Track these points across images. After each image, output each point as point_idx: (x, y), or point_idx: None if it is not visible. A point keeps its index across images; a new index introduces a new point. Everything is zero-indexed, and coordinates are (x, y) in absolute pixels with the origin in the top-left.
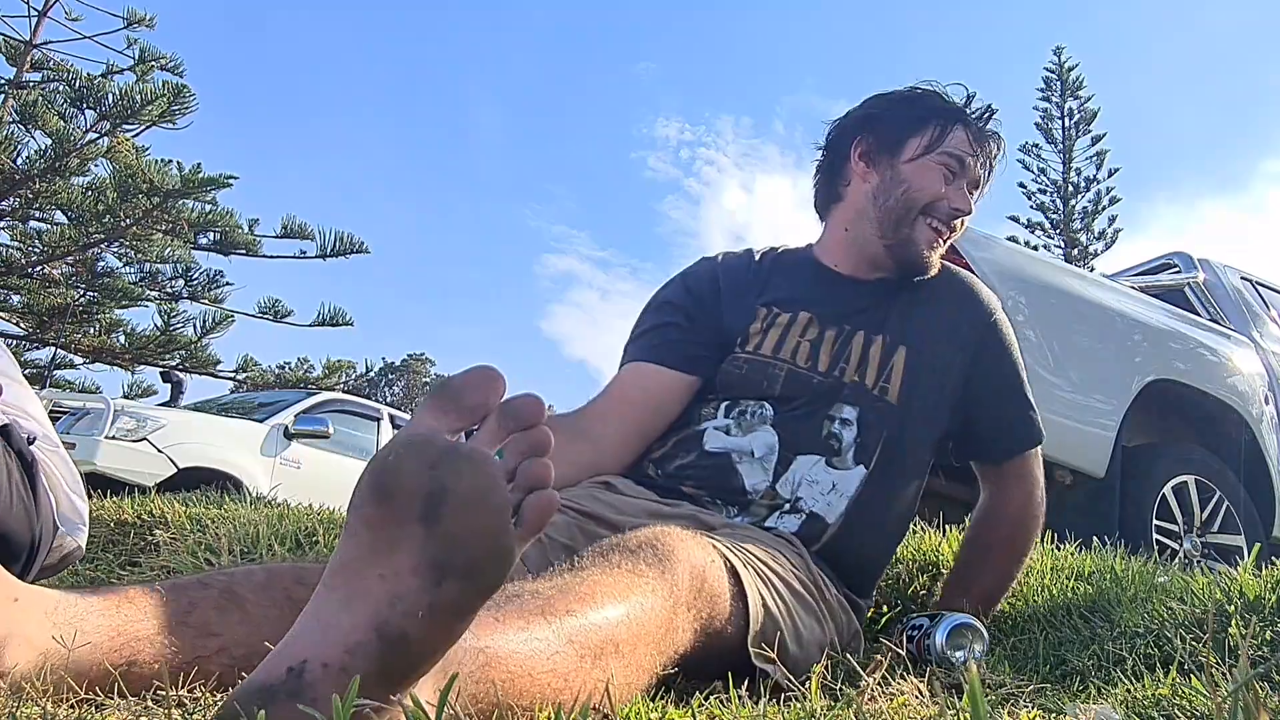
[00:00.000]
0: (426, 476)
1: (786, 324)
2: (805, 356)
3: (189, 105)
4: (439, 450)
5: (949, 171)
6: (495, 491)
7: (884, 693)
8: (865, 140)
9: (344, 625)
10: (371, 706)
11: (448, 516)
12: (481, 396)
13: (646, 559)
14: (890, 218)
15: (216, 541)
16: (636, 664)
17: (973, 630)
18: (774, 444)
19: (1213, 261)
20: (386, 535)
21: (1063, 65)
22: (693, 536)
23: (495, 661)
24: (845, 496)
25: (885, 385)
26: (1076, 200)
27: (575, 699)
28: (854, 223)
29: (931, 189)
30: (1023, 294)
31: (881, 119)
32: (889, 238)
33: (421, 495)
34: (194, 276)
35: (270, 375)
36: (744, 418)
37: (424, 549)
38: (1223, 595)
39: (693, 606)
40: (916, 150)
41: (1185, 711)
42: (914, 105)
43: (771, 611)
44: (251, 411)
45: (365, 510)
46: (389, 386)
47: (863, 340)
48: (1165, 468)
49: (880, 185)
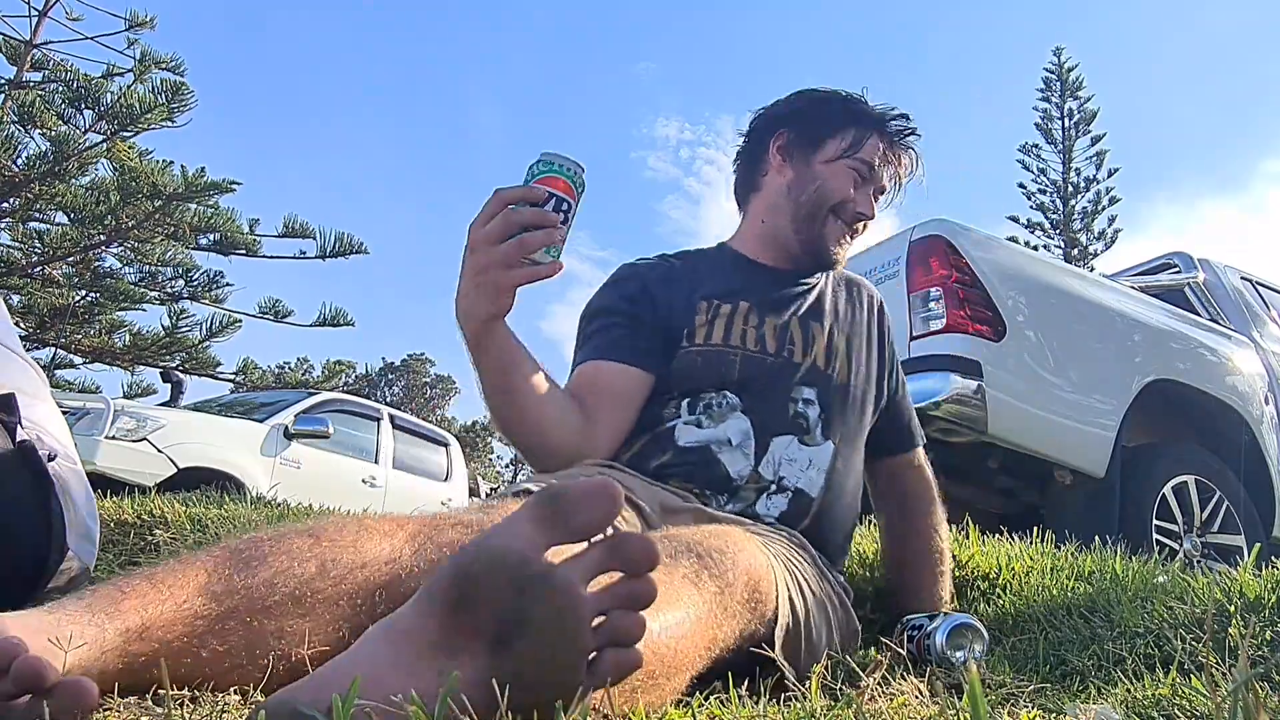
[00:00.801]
0: (508, 600)
1: (730, 314)
2: (754, 341)
3: (188, 103)
4: (528, 575)
5: (859, 176)
6: (578, 635)
7: (884, 693)
8: (785, 135)
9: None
10: (371, 706)
11: (521, 648)
12: (592, 517)
13: (712, 568)
14: (803, 212)
15: (216, 541)
16: (681, 661)
17: (973, 630)
18: (748, 429)
19: (1213, 261)
20: (455, 641)
21: (1062, 65)
22: (751, 540)
23: None
24: (822, 471)
25: (834, 365)
26: (1076, 200)
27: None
28: (769, 214)
29: (842, 190)
30: (1023, 294)
31: (803, 116)
32: (802, 231)
33: (499, 619)
34: (194, 277)
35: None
36: (711, 409)
37: (488, 669)
38: (1223, 595)
39: (740, 616)
40: (833, 152)
41: (1185, 711)
42: (835, 108)
43: (798, 614)
44: (251, 411)
45: (439, 609)
46: (389, 386)
47: (800, 325)
48: (1165, 468)
49: (795, 180)
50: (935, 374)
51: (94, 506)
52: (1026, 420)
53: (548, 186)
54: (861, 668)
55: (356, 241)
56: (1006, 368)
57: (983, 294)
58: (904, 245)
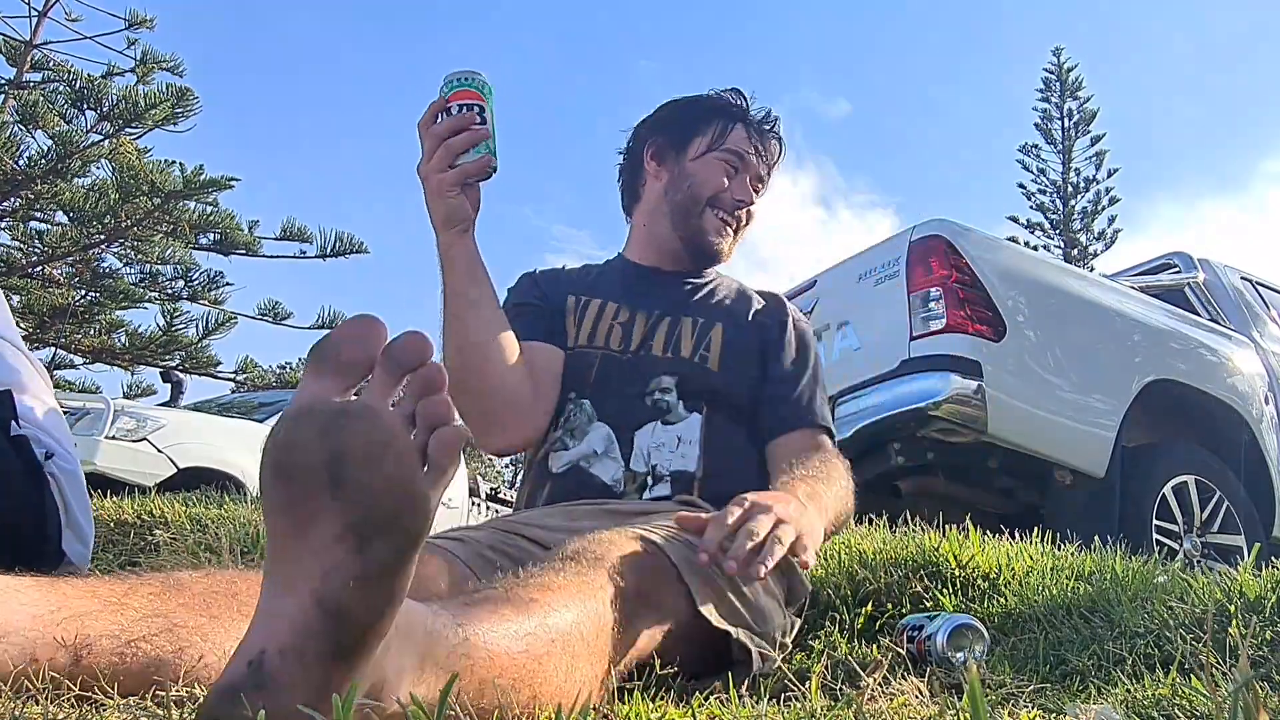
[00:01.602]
0: (321, 444)
1: (597, 311)
2: (618, 339)
3: (192, 108)
4: (328, 414)
5: (730, 167)
6: (394, 441)
7: (884, 693)
8: (656, 141)
9: (289, 609)
10: (371, 706)
11: (353, 478)
12: (361, 349)
13: (587, 561)
14: (680, 210)
15: (216, 541)
16: (600, 651)
17: (973, 631)
18: (608, 433)
19: (1213, 261)
20: (302, 512)
21: (1062, 66)
22: (618, 533)
23: (475, 647)
24: (694, 443)
25: (705, 354)
26: (1076, 200)
27: (549, 681)
28: (650, 218)
29: (714, 182)
30: (1023, 294)
31: (670, 121)
32: (680, 229)
33: (321, 465)
34: (194, 277)
35: (270, 376)
36: (569, 421)
37: (340, 516)
38: (1223, 595)
39: (639, 594)
40: (700, 148)
41: (1185, 711)
42: (698, 107)
43: (705, 574)
44: (251, 411)
45: (272, 494)
46: None
47: (669, 322)
48: (1165, 468)
49: (670, 181)
50: (935, 374)
51: (89, 507)
52: (1026, 420)
53: (456, 100)
54: (861, 668)
55: (356, 241)
56: (1006, 368)
57: (983, 294)
58: (904, 245)
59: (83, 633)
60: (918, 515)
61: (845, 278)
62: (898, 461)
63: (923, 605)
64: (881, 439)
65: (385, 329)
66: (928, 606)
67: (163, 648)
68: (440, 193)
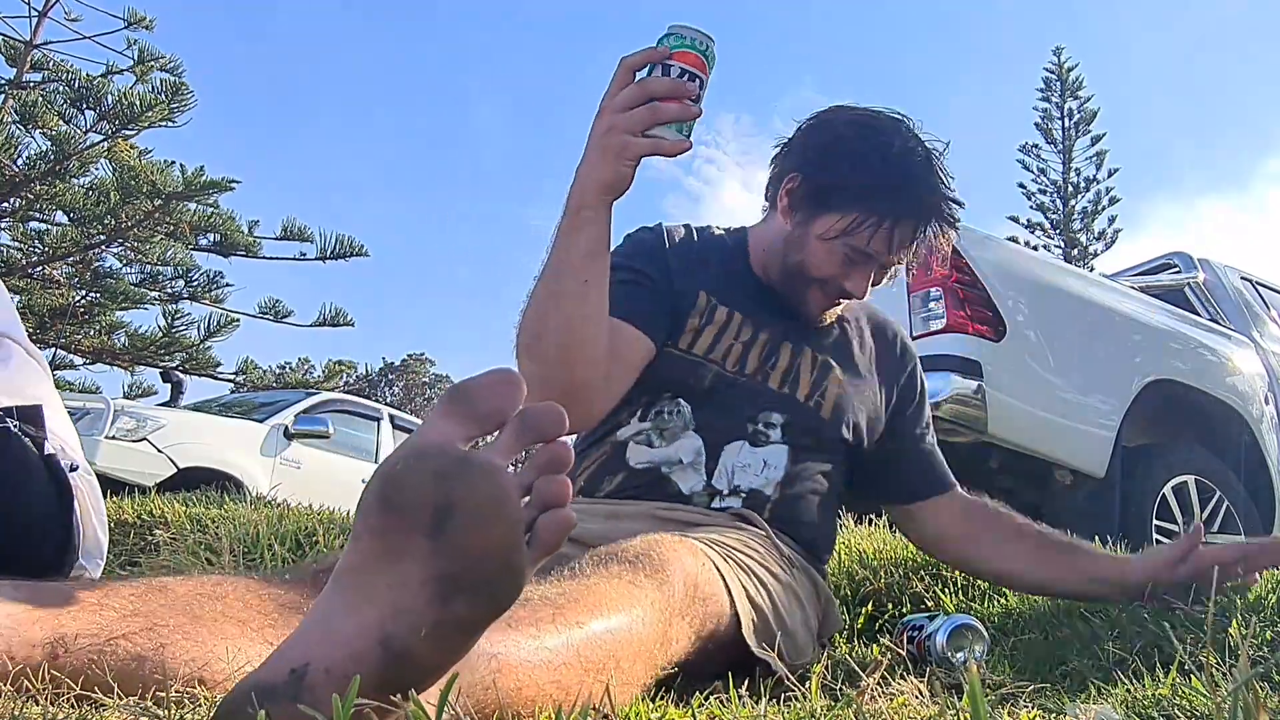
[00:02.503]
0: (434, 488)
1: (724, 320)
2: (735, 359)
3: (188, 103)
4: (449, 460)
5: (851, 260)
6: (507, 506)
7: (884, 693)
8: (797, 180)
9: (348, 631)
10: (371, 707)
11: (456, 531)
12: (498, 403)
13: (645, 570)
14: (787, 273)
15: (216, 541)
16: (633, 678)
17: (973, 630)
18: (699, 446)
19: (1213, 261)
20: (394, 544)
21: (1062, 65)
22: (683, 543)
23: (505, 669)
24: (778, 469)
25: (820, 400)
26: (1076, 200)
27: (575, 705)
28: (769, 249)
29: (828, 271)
30: (1023, 294)
31: (823, 170)
32: (783, 285)
33: (429, 507)
34: (194, 278)
35: (270, 375)
36: (662, 420)
37: (432, 563)
38: (1224, 596)
39: (687, 614)
40: (832, 230)
41: (1185, 711)
42: (860, 179)
43: (757, 603)
44: (251, 411)
45: (372, 519)
46: (389, 386)
47: (791, 351)
48: (1165, 468)
49: (790, 238)
50: (935, 374)
51: (104, 517)
52: (1026, 420)
53: (679, 61)
54: (861, 668)
55: (356, 244)
56: (1006, 368)
57: (983, 294)
58: None
59: (59, 630)
60: None
61: None
62: None
63: (923, 605)
64: None
65: (524, 388)
66: (928, 606)
67: (143, 645)
68: (620, 154)
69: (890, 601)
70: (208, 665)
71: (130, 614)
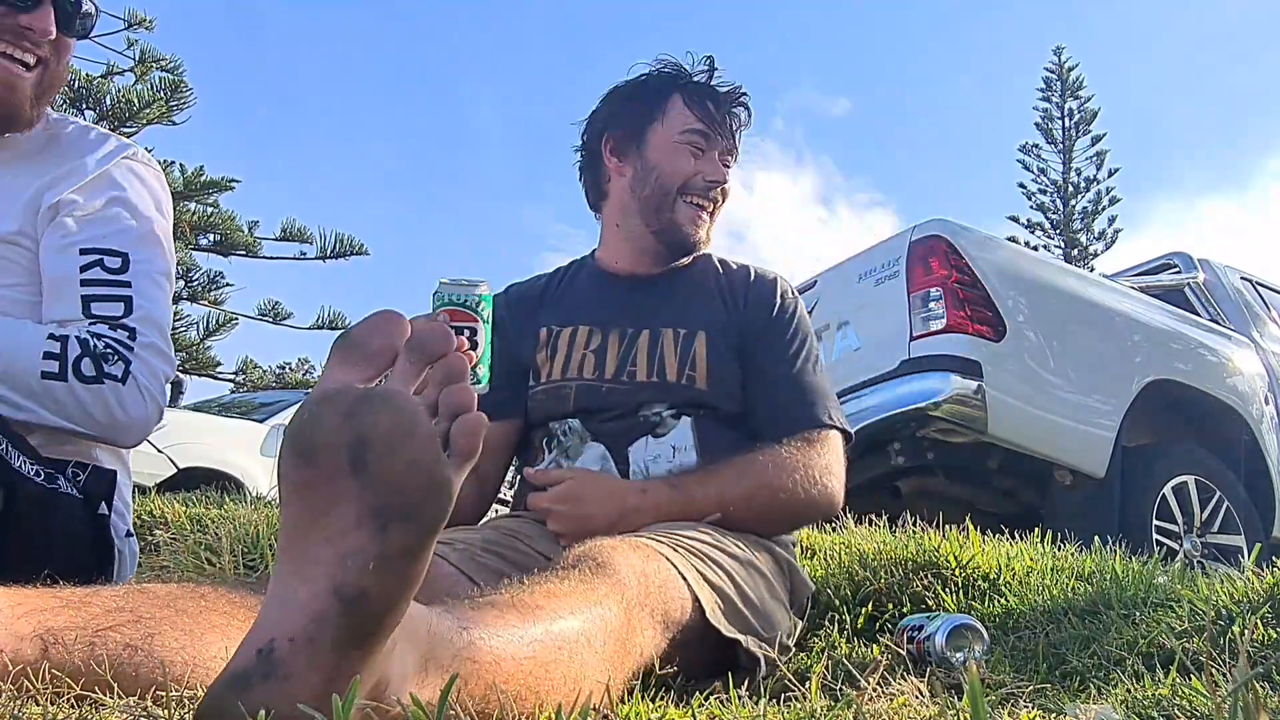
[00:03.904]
0: (345, 427)
1: (569, 340)
2: (592, 368)
3: (186, 101)
4: (352, 399)
5: (695, 149)
6: (418, 425)
7: (884, 693)
8: (613, 135)
9: (302, 596)
10: (372, 707)
11: (375, 461)
12: (385, 339)
13: (591, 568)
14: (649, 205)
15: (216, 541)
16: (607, 658)
17: (973, 631)
18: (603, 452)
19: (1213, 262)
20: (321, 496)
21: (1063, 65)
22: (622, 540)
23: (480, 650)
24: (688, 449)
25: (691, 374)
26: (1076, 200)
27: (555, 687)
28: (623, 218)
29: (682, 169)
30: (1023, 294)
31: (622, 113)
32: (653, 224)
33: (344, 446)
34: (194, 278)
35: (270, 376)
36: (560, 442)
37: (360, 499)
38: (1225, 596)
39: (645, 604)
40: (660, 137)
41: (1185, 711)
42: (647, 89)
43: (717, 585)
44: (251, 411)
45: (293, 476)
46: None
47: (649, 337)
48: (1165, 468)
49: (635, 176)
50: (935, 374)
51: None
52: (1026, 420)
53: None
54: (861, 668)
55: (356, 243)
56: (1006, 368)
57: (983, 294)
58: (904, 245)
59: (46, 624)
60: (918, 515)
61: (845, 278)
62: (898, 462)
63: (923, 605)
64: (882, 439)
65: (408, 322)
66: (928, 606)
67: (132, 635)
68: None
69: (890, 601)
70: (199, 654)
71: (115, 610)
